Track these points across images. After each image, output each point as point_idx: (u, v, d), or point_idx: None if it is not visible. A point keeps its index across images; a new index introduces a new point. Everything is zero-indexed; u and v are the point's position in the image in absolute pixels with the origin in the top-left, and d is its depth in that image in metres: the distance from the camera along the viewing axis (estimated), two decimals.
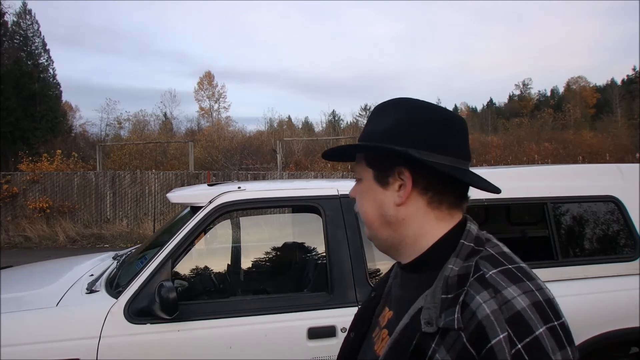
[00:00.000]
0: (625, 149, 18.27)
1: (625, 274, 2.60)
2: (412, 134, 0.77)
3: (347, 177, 12.66)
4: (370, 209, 0.81)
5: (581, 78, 52.68)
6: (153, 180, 12.22)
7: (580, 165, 7.77)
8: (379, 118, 0.82)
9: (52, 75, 26.90)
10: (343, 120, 42.45)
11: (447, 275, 0.70)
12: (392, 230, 0.79)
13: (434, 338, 0.66)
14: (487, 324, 0.62)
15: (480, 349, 0.62)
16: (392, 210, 0.78)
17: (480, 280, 0.68)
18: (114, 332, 2.00)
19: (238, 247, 3.15)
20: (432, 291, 0.70)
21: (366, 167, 0.82)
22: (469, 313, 0.65)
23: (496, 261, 0.71)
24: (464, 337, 0.64)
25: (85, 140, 23.75)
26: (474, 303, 0.65)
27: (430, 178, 0.76)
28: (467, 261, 0.71)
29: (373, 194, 0.81)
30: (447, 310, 0.67)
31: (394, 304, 0.82)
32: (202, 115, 42.48)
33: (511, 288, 0.66)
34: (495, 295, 0.65)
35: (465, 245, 0.74)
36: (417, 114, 0.79)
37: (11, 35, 25.42)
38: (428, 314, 0.68)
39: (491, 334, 0.62)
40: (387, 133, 0.78)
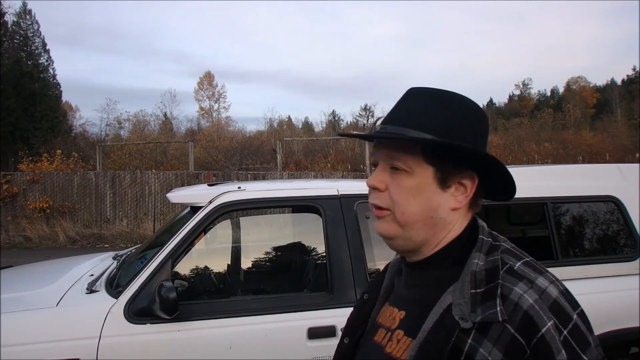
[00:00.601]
0: (625, 149, 18.27)
1: (625, 274, 2.60)
2: (476, 135, 0.76)
3: (347, 177, 12.66)
4: (417, 208, 0.74)
5: (581, 78, 52.69)
6: (153, 180, 12.22)
7: (580, 165, 7.78)
8: (434, 109, 0.75)
9: (52, 75, 26.89)
10: (343, 120, 42.43)
11: (474, 270, 0.70)
12: (432, 232, 0.76)
13: (468, 334, 0.65)
14: (534, 314, 0.63)
15: (530, 338, 0.62)
16: (444, 214, 0.75)
17: (511, 272, 0.69)
18: (114, 332, 2.00)
19: (238, 247, 3.15)
20: (460, 287, 0.70)
21: (424, 162, 0.74)
22: (511, 304, 0.65)
23: (516, 254, 0.73)
24: (511, 328, 0.63)
25: (85, 140, 23.74)
26: (513, 294, 0.65)
27: (484, 183, 0.77)
28: (490, 255, 0.72)
29: (428, 194, 0.74)
30: (484, 304, 0.66)
31: (404, 303, 0.79)
32: (202, 115, 42.47)
33: (540, 278, 0.68)
34: (531, 286, 0.66)
35: (485, 240, 0.74)
36: (472, 110, 0.77)
37: (11, 35, 25.41)
38: (460, 309, 0.67)
39: (540, 323, 0.62)
40: (456, 131, 0.73)
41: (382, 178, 0.77)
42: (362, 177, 12.39)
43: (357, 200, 2.43)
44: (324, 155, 16.18)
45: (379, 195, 0.77)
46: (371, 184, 0.78)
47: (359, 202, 2.42)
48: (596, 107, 46.27)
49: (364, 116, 42.87)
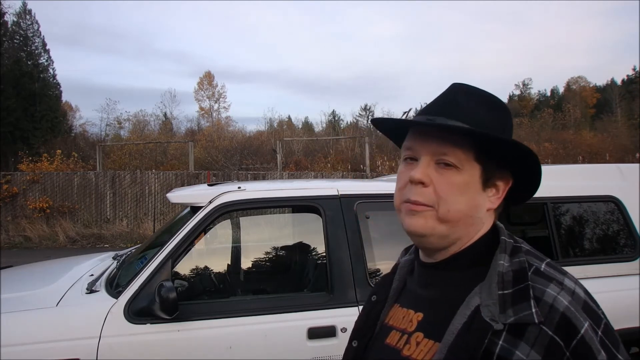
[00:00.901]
0: (625, 149, 18.27)
1: (625, 274, 2.60)
2: (506, 132, 0.77)
3: (347, 177, 12.66)
4: (464, 206, 0.72)
5: (581, 78, 52.67)
6: (153, 180, 12.22)
7: (580, 165, 7.78)
8: (485, 109, 0.75)
9: (52, 75, 26.88)
10: (343, 120, 42.43)
11: (501, 272, 0.69)
12: (467, 231, 0.75)
13: (499, 335, 0.64)
14: (571, 315, 0.63)
15: (570, 340, 0.62)
16: (482, 214, 0.75)
17: (539, 273, 0.68)
18: (114, 332, 2.00)
19: (238, 247, 3.15)
20: (488, 288, 0.68)
21: (473, 160, 0.73)
22: (546, 306, 0.64)
23: (537, 255, 0.72)
24: (549, 330, 0.62)
25: (85, 140, 23.73)
26: (547, 295, 0.65)
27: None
28: (515, 257, 0.71)
29: (473, 192, 0.73)
30: (516, 306, 0.65)
31: (422, 305, 0.77)
32: (202, 115, 42.45)
33: (566, 279, 0.68)
34: (562, 287, 0.66)
35: (507, 241, 0.73)
36: (511, 118, 0.79)
37: (11, 35, 25.40)
38: (489, 310, 0.66)
39: (578, 325, 0.62)
40: (504, 133, 0.74)
41: (428, 172, 0.73)
42: (362, 177, 12.39)
43: (357, 200, 2.43)
44: (324, 155, 16.18)
45: (422, 191, 0.73)
46: (418, 177, 0.73)
47: (359, 202, 2.42)
48: (596, 107, 46.26)
49: (364, 116, 42.86)
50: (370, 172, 13.33)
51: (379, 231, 2.49)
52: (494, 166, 0.74)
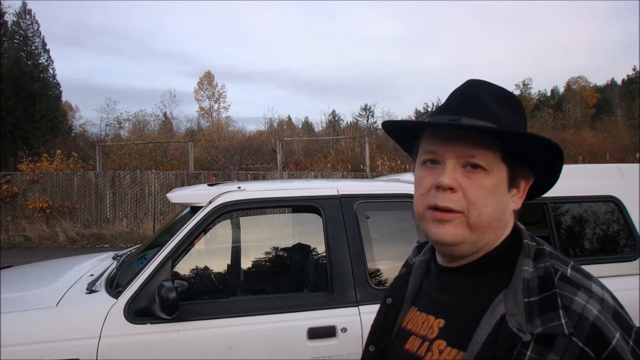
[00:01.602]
0: (625, 149, 18.28)
1: (625, 274, 2.60)
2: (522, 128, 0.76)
3: (347, 177, 12.66)
4: (494, 210, 0.69)
5: (581, 78, 52.67)
6: (153, 180, 12.22)
7: (580, 165, 7.77)
8: (506, 108, 0.73)
9: (52, 75, 26.90)
10: (343, 120, 42.39)
11: (525, 278, 0.66)
12: (496, 235, 0.72)
13: (527, 346, 0.61)
14: (602, 325, 0.60)
15: (601, 351, 0.59)
16: (507, 216, 0.73)
17: (566, 279, 0.65)
18: (114, 332, 2.00)
19: (238, 247, 3.15)
20: (513, 295, 0.66)
21: (500, 161, 0.70)
22: (575, 315, 0.61)
23: (561, 258, 0.69)
24: (579, 341, 0.60)
25: (85, 140, 23.75)
26: (575, 304, 0.62)
27: None
28: (539, 261, 0.68)
29: (501, 194, 0.70)
30: (544, 315, 0.62)
31: (442, 311, 0.74)
32: (202, 115, 42.44)
33: (594, 285, 0.65)
34: (591, 295, 0.63)
35: (530, 245, 0.70)
36: (521, 106, 0.77)
37: (11, 35, 25.41)
38: (515, 320, 0.63)
39: (609, 335, 0.60)
40: (525, 129, 0.73)
41: (455, 176, 0.69)
42: (362, 177, 12.39)
43: (357, 200, 2.42)
44: (324, 155, 16.18)
45: (451, 197, 0.69)
46: (448, 183, 0.69)
47: (359, 202, 2.42)
48: (596, 107, 46.27)
49: (364, 116, 42.88)
50: (370, 172, 13.33)
51: (379, 231, 2.49)
52: (518, 165, 0.72)
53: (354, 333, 2.14)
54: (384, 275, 2.37)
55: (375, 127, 32.09)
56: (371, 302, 2.17)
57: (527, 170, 0.74)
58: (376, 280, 2.32)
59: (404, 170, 13.61)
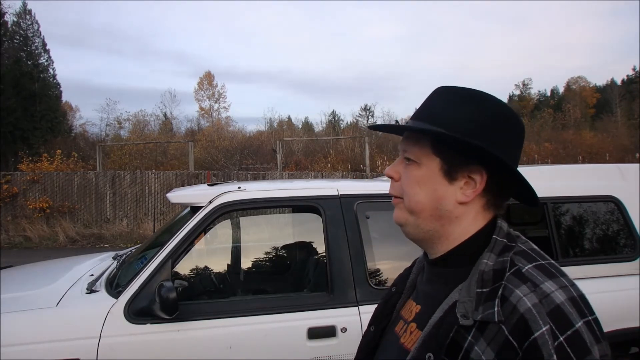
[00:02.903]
0: (625, 149, 18.27)
1: (625, 274, 2.60)
2: (494, 134, 0.76)
3: (347, 177, 12.66)
4: (424, 198, 0.78)
5: (581, 78, 52.65)
6: (153, 180, 12.22)
7: (580, 165, 7.78)
8: (453, 106, 0.78)
9: (52, 75, 26.90)
10: (343, 120, 42.39)
11: (482, 270, 0.71)
12: (439, 224, 0.78)
13: (469, 331, 0.67)
14: (529, 317, 0.63)
15: (523, 341, 0.63)
16: (450, 206, 0.77)
17: (518, 274, 0.69)
18: (114, 332, 2.00)
19: (238, 247, 3.15)
20: (467, 285, 0.71)
21: (431, 154, 0.77)
22: (509, 306, 0.66)
23: (529, 257, 0.73)
24: (506, 329, 0.64)
25: (85, 140, 23.74)
26: (513, 296, 0.66)
27: (501, 182, 0.77)
28: (501, 256, 0.73)
29: (434, 185, 0.77)
30: (485, 304, 0.68)
31: (422, 299, 0.83)
32: (202, 115, 42.45)
33: (548, 283, 0.67)
34: (534, 289, 0.66)
35: (498, 240, 0.75)
36: (499, 112, 0.77)
37: (11, 35, 25.40)
38: (464, 307, 0.69)
39: (534, 327, 0.63)
40: (467, 126, 0.75)
41: (397, 169, 0.83)
42: (362, 177, 12.39)
43: (357, 200, 2.42)
44: (324, 155, 16.18)
45: (393, 184, 0.84)
46: (386, 173, 0.84)
47: (359, 202, 2.42)
48: (596, 107, 46.25)
49: (364, 116, 42.87)
50: (370, 172, 13.33)
51: (379, 231, 2.49)
52: (457, 159, 0.76)
53: (354, 333, 2.14)
54: (384, 275, 2.37)
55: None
56: (371, 302, 2.17)
57: (474, 164, 0.75)
58: (376, 280, 2.32)
59: None
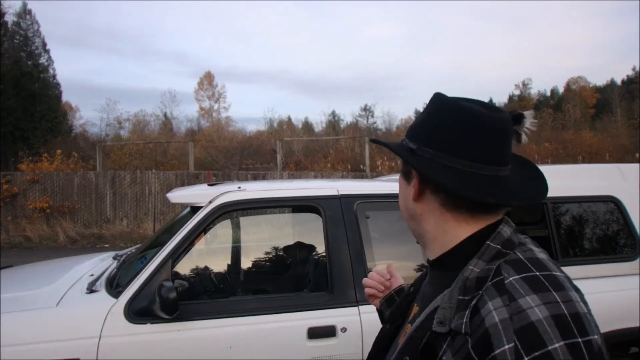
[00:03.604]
0: (625, 149, 18.25)
1: (625, 274, 2.60)
2: (429, 132, 0.77)
3: (347, 177, 12.66)
4: (400, 200, 0.86)
5: (581, 78, 52.63)
6: (153, 180, 12.22)
7: (580, 165, 7.78)
8: (421, 114, 0.84)
9: (52, 75, 26.85)
10: (343, 120, 42.37)
11: (466, 277, 0.69)
12: (415, 223, 0.82)
13: (445, 339, 0.66)
14: (493, 333, 0.60)
15: (483, 357, 0.60)
16: (411, 204, 0.81)
17: (497, 285, 0.65)
18: (114, 332, 2.00)
19: (238, 247, 3.15)
20: (450, 291, 0.70)
21: (405, 163, 0.84)
22: (478, 319, 0.63)
23: (522, 266, 0.67)
24: (470, 342, 0.62)
25: (85, 140, 23.70)
26: (484, 309, 0.63)
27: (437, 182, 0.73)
28: (489, 264, 0.69)
29: (401, 186, 0.86)
30: (459, 313, 0.66)
31: (421, 300, 0.84)
32: (202, 115, 42.43)
33: (530, 297, 0.62)
34: (509, 304, 0.62)
35: (490, 247, 0.71)
36: (442, 109, 0.76)
37: (11, 35, 25.38)
38: (443, 313, 0.68)
39: (496, 344, 0.59)
40: (412, 128, 0.82)
41: None
42: (362, 177, 12.39)
43: (357, 200, 2.42)
44: (324, 155, 16.17)
45: None
46: None
47: (359, 202, 2.42)
48: (596, 107, 46.22)
49: (364, 116, 42.88)
50: (370, 172, 13.33)
51: (379, 231, 2.49)
52: (405, 161, 0.82)
53: (354, 333, 2.14)
54: None
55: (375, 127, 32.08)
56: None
57: (409, 165, 0.81)
58: None
59: None
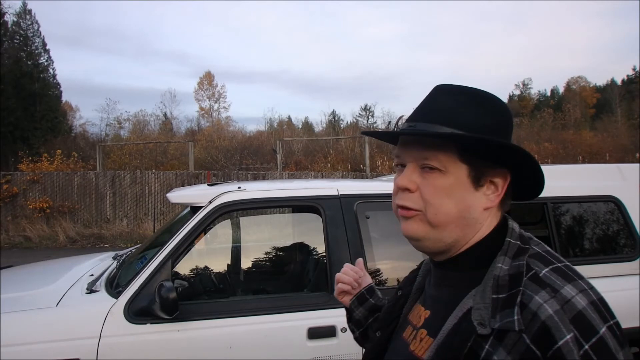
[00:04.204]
0: (625, 149, 18.24)
1: (625, 274, 2.60)
2: (506, 133, 0.75)
3: (347, 177, 12.66)
4: (452, 208, 0.72)
5: (581, 78, 52.63)
6: (153, 180, 12.22)
7: (580, 165, 7.78)
8: (464, 106, 0.74)
9: (52, 75, 26.86)
10: (343, 120, 42.34)
11: (497, 275, 0.68)
12: (464, 232, 0.74)
13: (487, 340, 0.64)
14: (552, 325, 0.60)
15: (546, 350, 0.59)
16: (477, 213, 0.73)
17: (535, 279, 0.66)
18: (114, 332, 2.00)
19: (238, 247, 3.15)
20: (482, 291, 0.68)
21: (458, 161, 0.72)
22: (529, 314, 0.62)
23: (546, 259, 0.69)
24: (527, 338, 0.61)
25: (85, 140, 23.69)
26: (533, 303, 0.63)
27: (517, 182, 0.76)
28: (516, 260, 0.69)
29: (462, 193, 0.73)
30: (503, 312, 0.64)
31: (431, 304, 0.79)
32: (202, 115, 42.44)
33: (567, 287, 0.64)
34: (554, 295, 0.63)
35: (512, 243, 0.71)
36: (504, 110, 0.76)
37: (11, 35, 25.38)
38: (479, 314, 0.66)
39: (557, 335, 0.59)
40: (485, 127, 0.72)
41: (412, 178, 0.74)
42: (362, 177, 12.38)
43: (357, 200, 2.42)
44: (324, 155, 16.16)
45: (409, 196, 0.75)
46: (402, 184, 0.75)
47: (359, 202, 2.42)
48: (596, 107, 46.23)
49: (364, 116, 42.86)
50: (370, 172, 13.33)
51: (379, 231, 2.49)
52: (486, 164, 0.73)
53: None
54: (384, 275, 2.37)
55: (375, 127, 32.08)
56: None
57: (500, 168, 0.74)
58: (376, 280, 2.32)
59: None
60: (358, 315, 1.07)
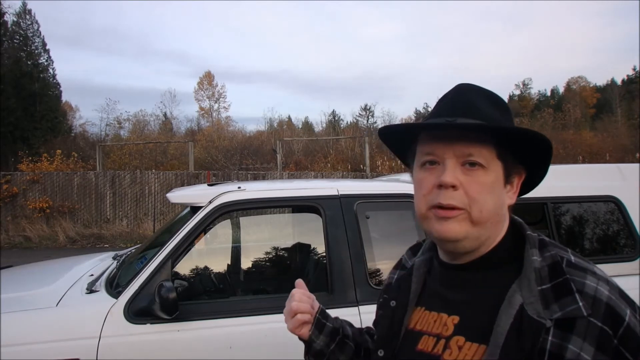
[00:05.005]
0: (625, 149, 18.25)
1: (625, 274, 2.60)
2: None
3: (347, 177, 12.66)
4: (493, 206, 0.72)
5: (581, 78, 52.64)
6: (153, 180, 12.22)
7: (580, 165, 7.78)
8: (493, 108, 0.76)
9: (52, 75, 26.86)
10: (343, 120, 42.36)
11: (536, 267, 0.69)
12: (496, 229, 0.75)
13: (548, 332, 0.64)
14: (614, 304, 0.64)
15: (617, 328, 0.63)
16: (505, 210, 0.76)
17: (572, 265, 0.69)
18: (114, 332, 2.00)
19: (238, 247, 3.15)
20: (527, 285, 0.68)
21: (496, 158, 0.73)
22: (589, 298, 0.64)
23: (561, 247, 0.73)
24: (597, 321, 0.63)
25: (85, 140, 23.71)
26: (588, 288, 0.65)
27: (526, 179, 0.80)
28: (544, 251, 0.71)
29: (499, 190, 0.74)
30: (560, 301, 0.65)
31: (454, 308, 0.75)
32: (202, 115, 42.45)
33: (596, 269, 0.69)
34: (598, 277, 0.67)
35: (532, 235, 0.74)
36: (506, 106, 0.81)
37: (11, 35, 25.38)
38: (534, 308, 0.66)
39: (622, 313, 0.64)
40: (517, 129, 0.74)
41: (456, 174, 0.72)
42: (362, 177, 12.38)
43: (357, 200, 2.42)
44: (324, 155, 16.17)
45: (454, 194, 0.71)
46: (449, 181, 0.71)
47: (359, 202, 2.42)
48: (596, 107, 46.24)
49: (364, 116, 42.88)
50: (370, 172, 13.33)
51: (379, 231, 2.49)
52: (512, 162, 0.75)
53: None
54: (384, 275, 2.37)
55: (375, 127, 32.09)
56: (371, 302, 2.16)
57: (519, 166, 0.77)
58: (376, 280, 2.32)
59: (404, 170, 13.58)
60: (320, 345, 0.93)
